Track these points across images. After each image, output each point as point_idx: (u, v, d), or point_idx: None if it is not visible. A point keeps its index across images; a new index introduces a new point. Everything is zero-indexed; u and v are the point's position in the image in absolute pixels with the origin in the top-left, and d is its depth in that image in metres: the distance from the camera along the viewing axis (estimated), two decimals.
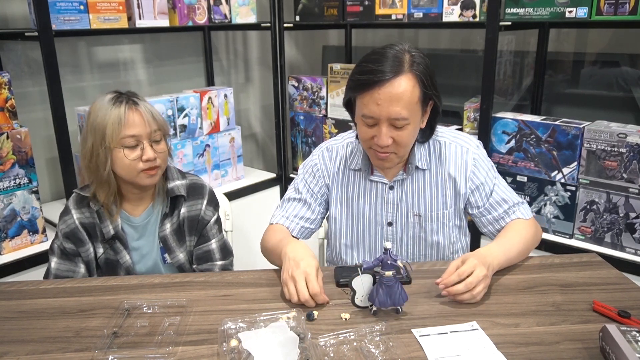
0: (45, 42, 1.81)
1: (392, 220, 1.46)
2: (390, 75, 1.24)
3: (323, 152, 1.53)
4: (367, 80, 1.26)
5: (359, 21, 2.44)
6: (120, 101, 1.40)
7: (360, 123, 1.33)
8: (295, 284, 1.17)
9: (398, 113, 1.26)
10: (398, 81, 1.25)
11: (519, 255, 1.35)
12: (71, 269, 1.48)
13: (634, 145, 1.77)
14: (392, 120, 1.27)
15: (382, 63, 1.26)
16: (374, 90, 1.25)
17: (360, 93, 1.29)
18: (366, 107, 1.28)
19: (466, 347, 1.03)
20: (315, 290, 1.16)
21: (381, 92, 1.25)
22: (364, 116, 1.30)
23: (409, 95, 1.26)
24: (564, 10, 1.87)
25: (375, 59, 1.28)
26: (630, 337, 0.96)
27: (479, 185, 1.43)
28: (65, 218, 1.48)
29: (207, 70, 2.83)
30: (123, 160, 1.40)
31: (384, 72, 1.25)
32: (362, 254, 1.50)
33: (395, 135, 1.29)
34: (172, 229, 1.52)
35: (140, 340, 1.08)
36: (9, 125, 1.83)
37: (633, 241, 1.83)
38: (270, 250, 1.42)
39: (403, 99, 1.25)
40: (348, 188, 1.49)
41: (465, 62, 2.66)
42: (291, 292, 1.17)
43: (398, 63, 1.26)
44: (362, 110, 1.30)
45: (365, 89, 1.27)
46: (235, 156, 2.64)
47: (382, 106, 1.25)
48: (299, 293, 1.16)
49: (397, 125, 1.28)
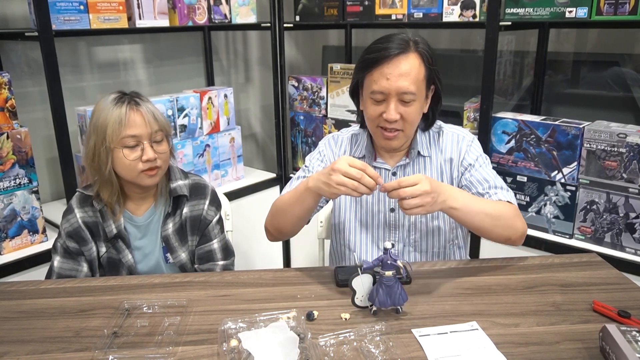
0: (45, 42, 1.81)
1: (395, 206, 1.48)
2: (397, 51, 1.33)
3: (329, 140, 1.59)
4: (376, 57, 1.34)
5: (359, 21, 2.44)
6: (122, 101, 1.40)
7: (368, 102, 1.38)
8: (347, 174, 1.18)
9: (406, 87, 1.32)
10: (405, 57, 1.33)
11: (482, 214, 1.30)
12: (74, 268, 1.48)
13: (634, 145, 1.77)
14: (401, 95, 1.33)
15: (389, 42, 1.35)
16: (383, 66, 1.33)
17: (370, 71, 1.35)
18: (376, 83, 1.34)
19: (466, 347, 1.03)
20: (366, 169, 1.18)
21: (390, 67, 1.32)
22: (373, 92, 1.35)
23: (416, 71, 1.34)
24: (564, 10, 1.87)
25: (382, 41, 1.37)
26: (630, 337, 0.96)
27: (468, 166, 1.46)
28: (69, 217, 1.48)
29: (207, 70, 2.83)
30: (123, 160, 1.40)
31: (392, 48, 1.33)
32: (366, 240, 1.51)
33: (402, 111, 1.35)
34: (174, 228, 1.52)
35: (140, 340, 1.08)
36: (9, 125, 1.83)
37: (633, 241, 1.83)
38: (286, 202, 1.41)
39: (411, 74, 1.33)
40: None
41: (465, 62, 2.66)
42: (353, 185, 1.17)
43: (404, 43, 1.35)
44: (371, 87, 1.36)
45: (375, 66, 1.34)
46: (235, 156, 2.64)
47: (392, 80, 1.32)
48: (360, 179, 1.17)
49: (405, 99, 1.34)
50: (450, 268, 1.37)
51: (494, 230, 1.33)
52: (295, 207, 1.38)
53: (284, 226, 1.44)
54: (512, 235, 1.35)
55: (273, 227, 1.47)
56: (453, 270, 1.35)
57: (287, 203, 1.41)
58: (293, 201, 1.38)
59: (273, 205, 1.47)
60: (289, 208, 1.40)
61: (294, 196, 1.38)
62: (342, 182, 1.18)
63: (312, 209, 1.38)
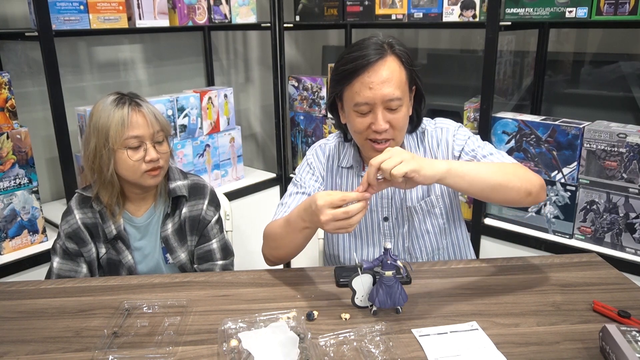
0: (45, 42, 1.81)
1: (388, 215, 1.46)
2: (376, 57, 1.26)
3: (316, 150, 1.54)
4: (354, 67, 1.27)
5: (359, 21, 2.44)
6: (123, 102, 1.40)
7: (352, 116, 1.32)
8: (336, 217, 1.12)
9: (392, 94, 1.26)
10: (384, 62, 1.27)
11: (488, 172, 1.22)
12: (73, 269, 1.48)
13: (633, 145, 1.77)
14: (387, 103, 1.27)
15: (364, 50, 1.28)
16: (363, 75, 1.26)
17: (349, 83, 1.29)
18: (358, 94, 1.28)
19: (466, 347, 1.03)
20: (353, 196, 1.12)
21: (372, 75, 1.26)
22: (356, 105, 1.29)
23: (397, 74, 1.28)
24: (564, 10, 1.87)
25: (355, 49, 1.30)
26: (630, 337, 0.96)
27: (460, 152, 1.41)
28: (68, 218, 1.48)
29: (207, 70, 2.83)
30: (126, 161, 1.40)
31: (369, 55, 1.26)
32: (361, 252, 1.50)
33: (391, 119, 1.29)
34: (173, 229, 1.52)
35: (140, 340, 1.08)
36: (9, 125, 1.83)
37: (633, 241, 1.83)
38: (283, 233, 1.33)
39: (393, 79, 1.27)
40: (341, 187, 1.49)
41: (465, 62, 2.66)
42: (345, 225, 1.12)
43: (380, 48, 1.28)
44: (354, 99, 1.29)
45: (354, 76, 1.27)
46: (235, 156, 2.64)
47: (375, 89, 1.26)
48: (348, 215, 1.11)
49: (392, 107, 1.28)
50: (450, 268, 1.36)
51: (507, 185, 1.22)
52: (295, 237, 1.30)
53: (285, 255, 1.38)
54: (531, 189, 1.25)
55: (273, 256, 1.40)
56: (453, 270, 1.35)
57: (284, 233, 1.33)
58: (291, 232, 1.30)
59: (269, 234, 1.40)
60: (287, 237, 1.33)
61: (292, 228, 1.29)
62: (337, 227, 1.12)
63: (312, 236, 1.33)
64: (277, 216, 1.45)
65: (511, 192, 1.24)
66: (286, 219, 1.33)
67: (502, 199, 1.26)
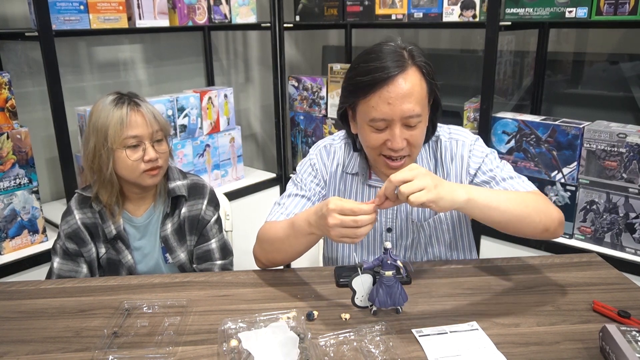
0: (45, 42, 1.81)
1: (392, 226, 1.40)
2: (396, 70, 1.16)
3: (320, 151, 1.46)
4: (373, 80, 1.17)
5: (359, 21, 2.44)
6: (122, 102, 1.41)
7: (367, 130, 1.24)
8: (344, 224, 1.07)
9: (411, 110, 1.18)
10: (406, 76, 1.17)
11: (507, 202, 1.17)
12: (74, 269, 1.48)
13: (633, 145, 1.77)
14: (406, 119, 1.19)
15: (383, 60, 1.17)
16: (382, 90, 1.17)
17: (366, 96, 1.19)
18: (375, 109, 1.18)
19: (466, 347, 1.03)
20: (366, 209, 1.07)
21: (391, 90, 1.16)
22: (373, 120, 1.20)
23: (418, 89, 1.19)
24: (564, 10, 1.87)
25: (373, 58, 1.19)
26: (630, 337, 0.96)
27: (476, 171, 1.35)
28: (68, 218, 1.48)
29: (207, 70, 2.83)
30: (125, 160, 1.40)
31: (389, 67, 1.16)
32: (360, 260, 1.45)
33: (408, 136, 1.21)
34: (172, 228, 1.52)
35: (140, 340, 1.08)
36: (9, 125, 1.83)
37: (633, 241, 1.83)
38: (283, 237, 1.28)
39: (414, 94, 1.18)
40: (345, 193, 1.43)
41: (465, 62, 2.66)
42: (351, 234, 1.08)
43: (400, 58, 1.18)
44: (369, 114, 1.20)
45: (372, 90, 1.18)
46: (235, 156, 2.64)
47: (394, 105, 1.17)
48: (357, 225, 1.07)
49: (410, 124, 1.20)
50: (450, 268, 1.36)
51: (525, 219, 1.18)
52: (297, 242, 1.26)
53: (281, 260, 1.34)
54: (549, 225, 1.21)
55: (267, 259, 1.35)
56: (453, 270, 1.35)
57: (285, 236, 1.28)
58: (293, 236, 1.25)
59: (265, 235, 1.34)
60: (289, 241, 1.27)
61: (296, 231, 1.24)
62: (342, 235, 1.09)
63: (315, 243, 1.30)
64: (272, 216, 1.39)
65: (528, 227, 1.20)
66: (290, 221, 1.27)
67: (518, 232, 1.22)
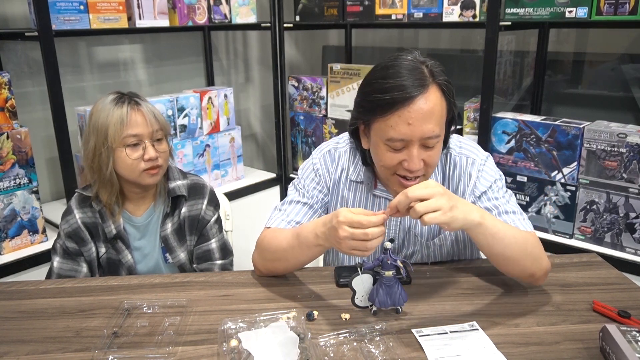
0: (45, 42, 1.81)
1: (394, 237, 1.37)
2: (418, 90, 1.12)
3: (325, 156, 1.40)
4: (392, 100, 1.12)
5: (359, 21, 2.44)
6: (122, 101, 1.41)
7: (382, 149, 1.19)
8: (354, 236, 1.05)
9: (431, 131, 1.13)
10: (427, 96, 1.13)
11: (510, 237, 1.15)
12: (73, 269, 1.48)
13: (634, 145, 1.77)
14: (425, 140, 1.15)
15: (402, 77, 1.13)
16: (402, 109, 1.12)
17: (384, 114, 1.14)
18: (394, 129, 1.13)
19: (466, 347, 1.03)
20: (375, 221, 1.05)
21: (412, 111, 1.11)
22: (390, 140, 1.15)
23: (439, 109, 1.15)
24: (564, 10, 1.87)
25: (392, 74, 1.14)
26: (630, 337, 0.96)
27: (481, 194, 1.30)
28: (68, 218, 1.48)
29: (207, 70, 2.83)
30: (125, 159, 1.40)
31: (410, 87, 1.12)
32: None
33: (425, 157, 1.17)
34: (172, 228, 1.52)
35: (140, 340, 1.08)
36: (9, 125, 1.83)
37: (633, 241, 1.83)
38: (287, 247, 1.25)
39: (434, 114, 1.14)
40: (348, 201, 1.38)
41: (465, 62, 2.66)
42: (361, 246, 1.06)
43: (420, 75, 1.14)
44: (387, 133, 1.15)
45: (391, 109, 1.12)
46: (235, 156, 2.64)
47: (414, 125, 1.12)
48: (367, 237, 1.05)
49: (428, 144, 1.16)
50: (450, 268, 1.36)
51: (520, 261, 1.17)
52: (303, 253, 1.23)
53: (283, 270, 1.32)
54: (536, 272, 1.19)
55: (267, 268, 1.32)
56: (453, 270, 1.35)
57: (289, 247, 1.24)
58: (298, 247, 1.22)
59: (266, 244, 1.31)
60: (293, 252, 1.24)
61: (301, 243, 1.21)
62: (352, 247, 1.07)
63: (322, 254, 1.28)
64: (272, 222, 1.35)
65: (518, 268, 1.19)
66: (295, 232, 1.24)
67: (507, 269, 1.21)
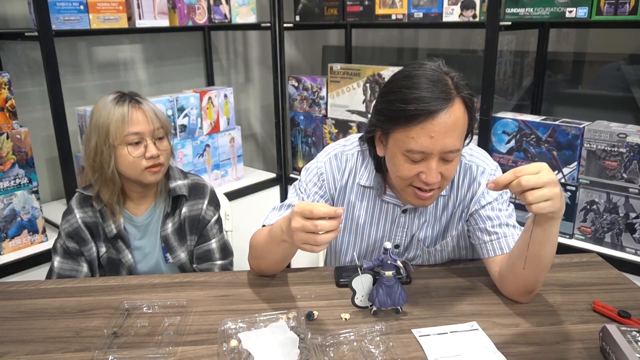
0: (45, 42, 1.81)
1: (400, 243, 1.37)
2: (443, 104, 1.09)
3: (331, 160, 1.37)
4: (417, 112, 1.09)
5: (359, 21, 2.44)
6: (123, 100, 1.42)
7: (400, 159, 1.16)
8: (305, 228, 1.02)
9: (453, 145, 1.12)
10: (452, 110, 1.10)
11: (555, 242, 1.12)
12: (74, 268, 1.48)
13: (634, 145, 1.77)
14: (445, 154, 1.13)
15: (427, 89, 1.10)
16: (426, 122, 1.09)
17: (406, 125, 1.11)
18: (415, 140, 1.11)
19: (466, 347, 1.03)
20: (325, 211, 1.01)
21: (435, 124, 1.09)
22: (409, 151, 1.13)
23: (462, 123, 1.13)
24: (564, 10, 1.87)
25: (415, 84, 1.12)
26: (630, 337, 0.96)
27: (486, 204, 1.29)
28: (68, 217, 1.49)
29: (207, 70, 2.83)
30: (127, 157, 1.41)
31: (435, 99, 1.09)
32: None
33: (444, 170, 1.15)
34: (173, 228, 1.52)
35: (140, 340, 1.08)
36: (9, 125, 1.83)
37: (633, 241, 1.83)
38: (263, 243, 1.25)
39: (457, 128, 1.12)
40: (355, 206, 1.36)
41: (465, 62, 2.66)
42: (311, 240, 1.02)
43: (445, 88, 1.11)
44: (407, 144, 1.12)
45: (414, 121, 1.10)
46: (235, 156, 2.64)
47: (436, 139, 1.10)
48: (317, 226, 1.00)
49: (448, 158, 1.14)
50: (450, 268, 1.37)
51: (544, 271, 1.14)
52: (273, 249, 1.22)
53: (266, 268, 1.32)
54: (534, 290, 1.18)
55: (256, 266, 1.33)
56: (453, 270, 1.35)
57: (264, 243, 1.24)
58: (270, 243, 1.21)
59: (253, 241, 1.32)
60: (266, 248, 1.24)
61: (272, 238, 1.20)
62: (304, 240, 1.03)
63: (292, 255, 1.24)
64: (269, 220, 1.35)
65: (532, 278, 1.14)
66: (269, 228, 1.23)
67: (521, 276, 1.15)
